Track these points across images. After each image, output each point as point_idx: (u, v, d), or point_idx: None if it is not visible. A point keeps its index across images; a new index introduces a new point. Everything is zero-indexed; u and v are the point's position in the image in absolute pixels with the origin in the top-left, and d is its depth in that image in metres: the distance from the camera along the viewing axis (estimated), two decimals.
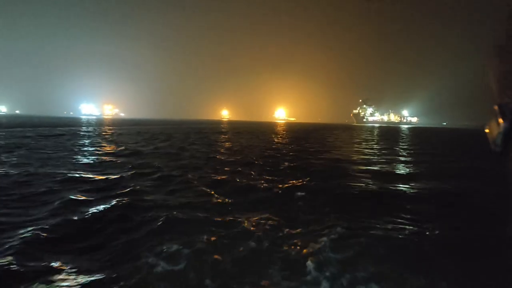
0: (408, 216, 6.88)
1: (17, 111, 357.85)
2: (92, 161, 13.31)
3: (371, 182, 10.67)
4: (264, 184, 9.70)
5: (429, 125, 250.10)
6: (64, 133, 34.17)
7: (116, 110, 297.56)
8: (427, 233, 5.88)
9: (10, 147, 17.78)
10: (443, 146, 33.35)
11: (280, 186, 9.59)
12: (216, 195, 8.15)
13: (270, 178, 10.76)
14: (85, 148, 18.81)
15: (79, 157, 14.66)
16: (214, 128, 65.11)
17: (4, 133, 30.05)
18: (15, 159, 13.38)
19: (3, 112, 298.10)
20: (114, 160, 13.90)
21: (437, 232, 5.96)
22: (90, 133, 35.37)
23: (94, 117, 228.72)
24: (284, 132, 53.89)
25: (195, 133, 42.23)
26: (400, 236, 5.63)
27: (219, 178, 10.35)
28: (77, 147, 19.54)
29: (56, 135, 29.91)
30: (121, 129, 47.54)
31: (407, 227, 6.15)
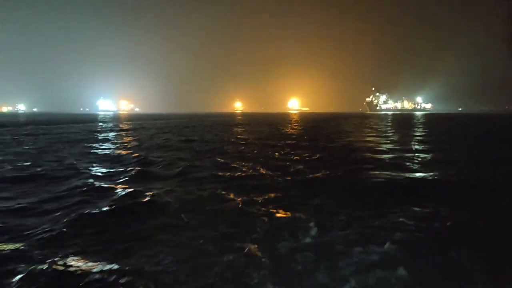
0: (424, 204, 6.92)
1: (35, 109, 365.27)
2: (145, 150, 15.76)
3: (389, 170, 10.81)
4: (280, 173, 10.47)
5: (444, 111, 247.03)
6: (100, 129, 37.01)
7: (132, 106, 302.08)
8: (442, 221, 5.94)
9: (81, 140, 20.51)
10: (460, 131, 33.88)
11: (300, 173, 10.35)
12: (247, 183, 8.94)
13: (289, 166, 11.60)
14: (128, 142, 21.33)
15: (140, 150, 17.14)
16: (231, 121, 67.09)
17: (45, 130, 32.74)
18: (107, 148, 15.92)
19: (22, 111, 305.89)
20: (158, 155, 16.26)
21: (452, 220, 5.99)
22: (120, 128, 38.00)
23: (111, 113, 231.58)
24: (300, 123, 55.45)
25: (217, 126, 44.17)
26: (415, 225, 5.71)
27: (251, 168, 11.48)
28: (128, 142, 22.08)
29: (98, 131, 32.76)
30: (146, 124, 50.06)
31: (422, 215, 6.23)
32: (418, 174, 10.29)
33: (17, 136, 25.75)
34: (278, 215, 6.35)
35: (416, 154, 15.07)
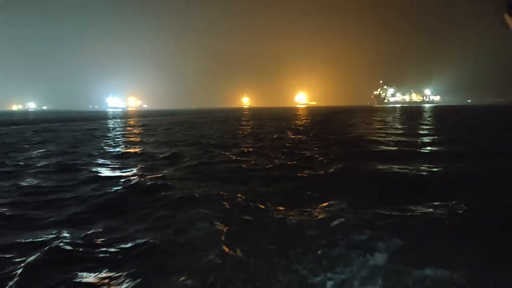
0: (433, 196, 7.04)
1: (44, 107, 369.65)
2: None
3: (398, 162, 10.99)
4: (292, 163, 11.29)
5: (453, 103, 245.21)
6: (116, 125, 38.40)
7: (139, 102, 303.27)
8: (451, 212, 5.99)
9: (103, 137, 21.62)
10: (469, 123, 33.93)
11: (312, 165, 10.89)
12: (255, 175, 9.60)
13: (297, 160, 12.13)
14: (147, 138, 22.49)
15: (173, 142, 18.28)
16: (240, 116, 68.30)
17: (65, 127, 33.98)
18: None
19: (32, 109, 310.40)
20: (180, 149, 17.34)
21: (460, 212, 6.03)
22: (137, 124, 39.20)
23: (120, 109, 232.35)
24: (308, 117, 56.18)
25: (227, 121, 45.20)
26: (425, 216, 5.84)
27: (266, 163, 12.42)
28: (147, 137, 23.23)
29: (115, 128, 34.12)
30: (159, 120, 51.14)
31: (432, 207, 6.31)
32: (426, 166, 10.45)
33: (42, 133, 27.04)
34: (290, 200, 7.04)
35: (425, 147, 15.44)
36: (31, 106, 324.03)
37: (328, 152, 13.59)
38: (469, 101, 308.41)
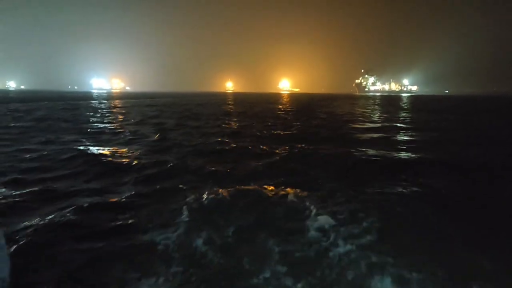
0: (408, 180, 7.26)
1: (22, 86, 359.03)
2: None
3: (377, 148, 11.30)
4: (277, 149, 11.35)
5: (430, 93, 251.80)
6: (115, 106, 40.13)
7: (122, 84, 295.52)
8: (427, 195, 6.18)
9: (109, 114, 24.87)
10: (444, 113, 33.78)
11: (292, 149, 11.19)
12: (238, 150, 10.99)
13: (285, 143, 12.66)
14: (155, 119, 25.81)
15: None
16: (226, 100, 68.49)
17: (70, 105, 35.16)
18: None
19: (12, 88, 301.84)
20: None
21: (435, 194, 6.27)
22: (139, 104, 40.35)
23: (105, 91, 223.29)
24: (291, 104, 56.63)
25: (222, 105, 46.35)
26: (400, 198, 5.97)
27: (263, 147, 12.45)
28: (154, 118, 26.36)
29: (128, 106, 35.72)
30: (151, 102, 50.96)
31: (407, 190, 6.49)
32: (403, 153, 10.67)
33: (56, 111, 29.14)
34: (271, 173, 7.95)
35: (402, 134, 15.77)
36: (12, 85, 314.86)
37: (307, 136, 14.38)
38: (447, 91, 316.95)
